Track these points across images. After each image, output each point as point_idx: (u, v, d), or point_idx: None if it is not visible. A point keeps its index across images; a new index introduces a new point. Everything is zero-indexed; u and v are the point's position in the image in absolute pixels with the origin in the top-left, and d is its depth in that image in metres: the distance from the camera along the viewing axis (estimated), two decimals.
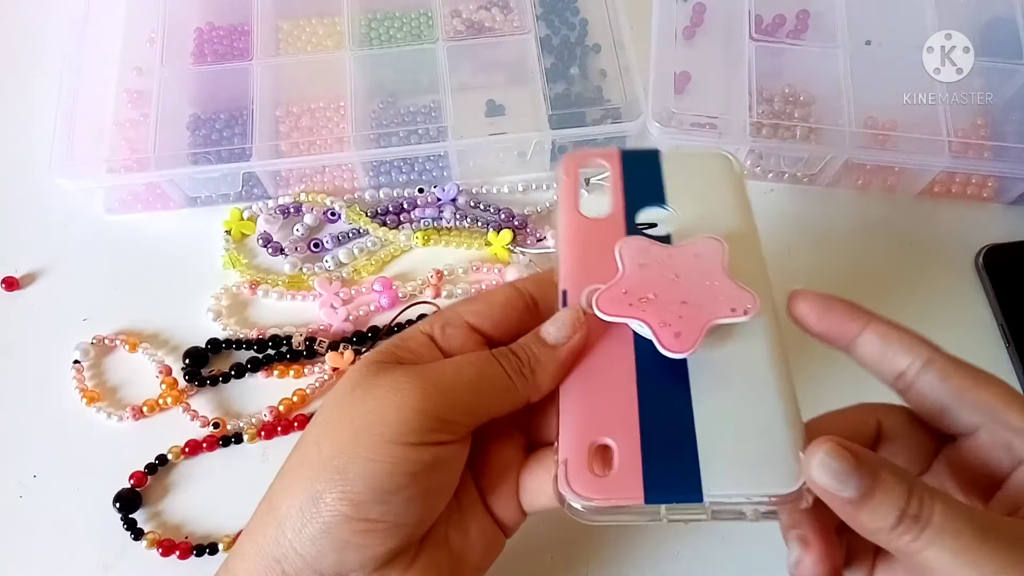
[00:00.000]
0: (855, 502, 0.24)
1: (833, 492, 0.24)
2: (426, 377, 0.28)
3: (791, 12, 0.55)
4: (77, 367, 0.47)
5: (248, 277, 0.49)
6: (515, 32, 0.54)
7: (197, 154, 0.49)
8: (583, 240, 0.32)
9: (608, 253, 0.31)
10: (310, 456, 0.28)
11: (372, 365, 0.29)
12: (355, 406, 0.28)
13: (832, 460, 0.24)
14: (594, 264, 0.31)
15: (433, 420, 0.27)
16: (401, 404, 0.27)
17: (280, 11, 0.56)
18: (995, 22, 0.53)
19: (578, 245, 0.32)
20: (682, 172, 0.34)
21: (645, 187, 0.33)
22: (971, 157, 0.49)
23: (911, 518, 0.23)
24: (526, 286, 0.32)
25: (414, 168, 0.53)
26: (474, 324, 0.31)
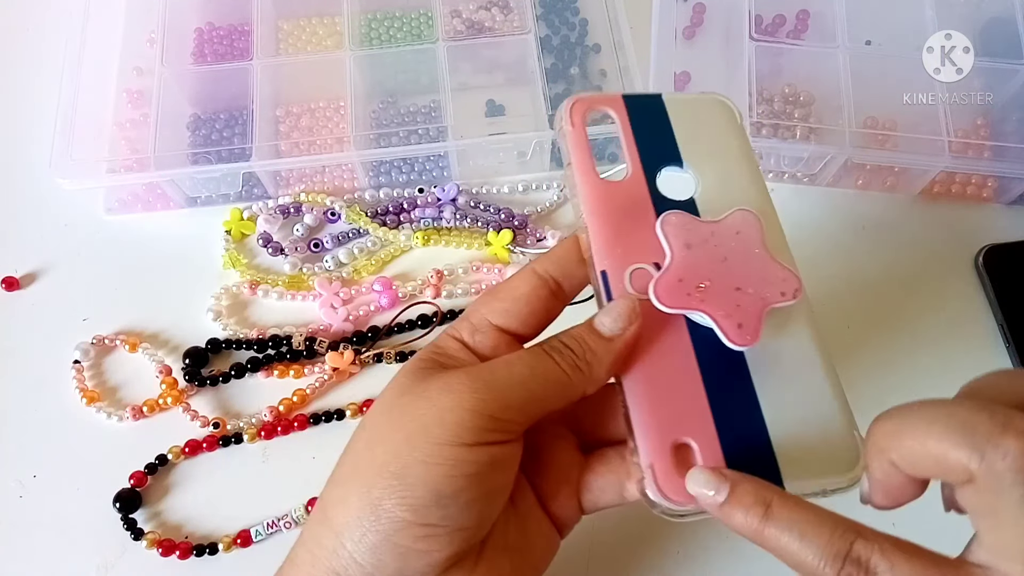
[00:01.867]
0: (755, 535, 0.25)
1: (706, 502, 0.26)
2: (477, 376, 0.28)
3: (791, 12, 0.55)
4: (77, 367, 0.47)
5: (248, 277, 0.49)
6: (515, 32, 0.54)
7: (197, 154, 0.49)
8: (610, 209, 0.30)
9: (637, 223, 0.29)
10: (363, 463, 0.28)
11: (418, 371, 0.29)
12: (406, 411, 0.28)
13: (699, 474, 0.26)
14: (627, 237, 0.29)
15: (488, 420, 0.27)
16: (454, 405, 0.27)
17: (280, 11, 0.56)
18: (995, 22, 0.53)
19: (606, 216, 0.30)
20: (689, 122, 0.32)
21: (657, 142, 0.31)
22: (971, 157, 0.49)
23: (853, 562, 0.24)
24: (548, 269, 0.31)
25: (414, 168, 0.53)
26: (502, 325, 0.30)
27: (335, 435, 0.45)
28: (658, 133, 0.31)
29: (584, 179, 0.30)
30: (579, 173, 0.30)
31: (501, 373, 0.28)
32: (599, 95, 0.31)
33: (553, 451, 0.32)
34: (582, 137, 0.31)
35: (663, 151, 0.31)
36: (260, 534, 0.42)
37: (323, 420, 0.45)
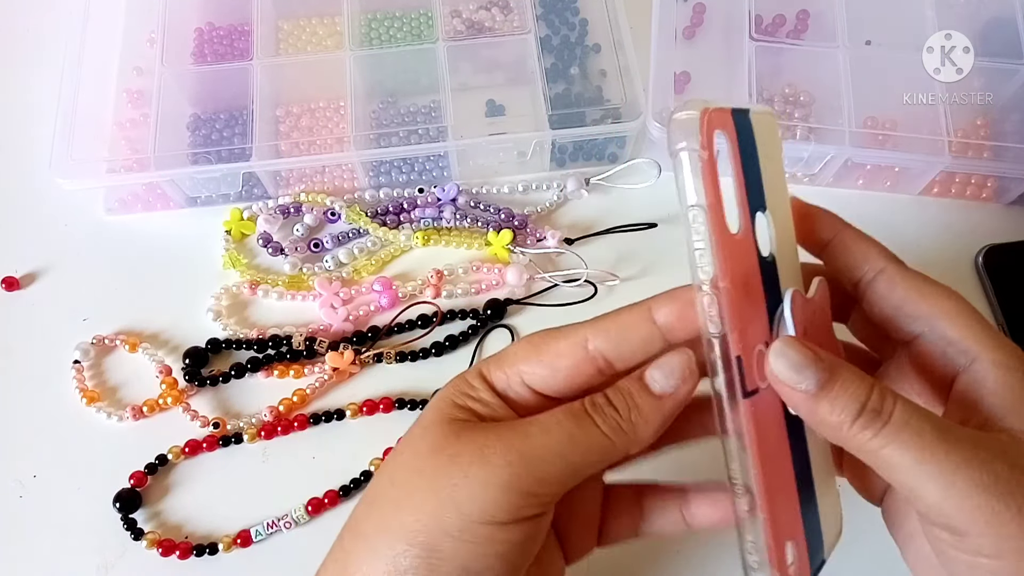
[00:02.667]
0: (814, 394, 0.24)
1: (792, 385, 0.24)
2: (512, 446, 0.26)
3: (791, 12, 0.55)
4: (77, 367, 0.47)
5: (248, 277, 0.49)
6: (515, 32, 0.54)
7: (197, 154, 0.49)
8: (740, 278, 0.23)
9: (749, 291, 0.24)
10: (391, 523, 0.27)
11: (450, 424, 0.28)
12: (439, 475, 0.26)
13: (789, 350, 0.24)
14: (748, 310, 0.24)
15: (523, 496, 0.26)
16: (488, 481, 0.25)
17: (280, 11, 0.56)
18: (995, 22, 0.53)
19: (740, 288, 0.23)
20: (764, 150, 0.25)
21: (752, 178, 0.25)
22: (971, 157, 0.49)
23: (872, 412, 0.23)
24: (599, 348, 0.27)
25: (414, 168, 0.53)
26: (537, 389, 0.28)
27: (335, 435, 0.45)
28: (753, 166, 0.25)
29: (721, 235, 0.23)
30: (715, 223, 0.22)
31: (538, 443, 0.26)
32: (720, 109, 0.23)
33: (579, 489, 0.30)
34: (715, 170, 0.22)
35: (757, 191, 0.25)
36: (260, 534, 0.42)
37: (323, 420, 0.45)
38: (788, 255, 0.27)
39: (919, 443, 0.23)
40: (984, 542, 0.23)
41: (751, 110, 0.25)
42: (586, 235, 0.51)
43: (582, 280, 0.49)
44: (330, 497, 0.43)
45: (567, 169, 0.54)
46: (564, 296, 0.49)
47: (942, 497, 0.23)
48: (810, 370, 0.24)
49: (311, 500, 0.43)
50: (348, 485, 0.43)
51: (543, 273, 0.49)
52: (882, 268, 0.27)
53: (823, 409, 0.24)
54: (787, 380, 0.24)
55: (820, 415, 0.24)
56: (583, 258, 0.49)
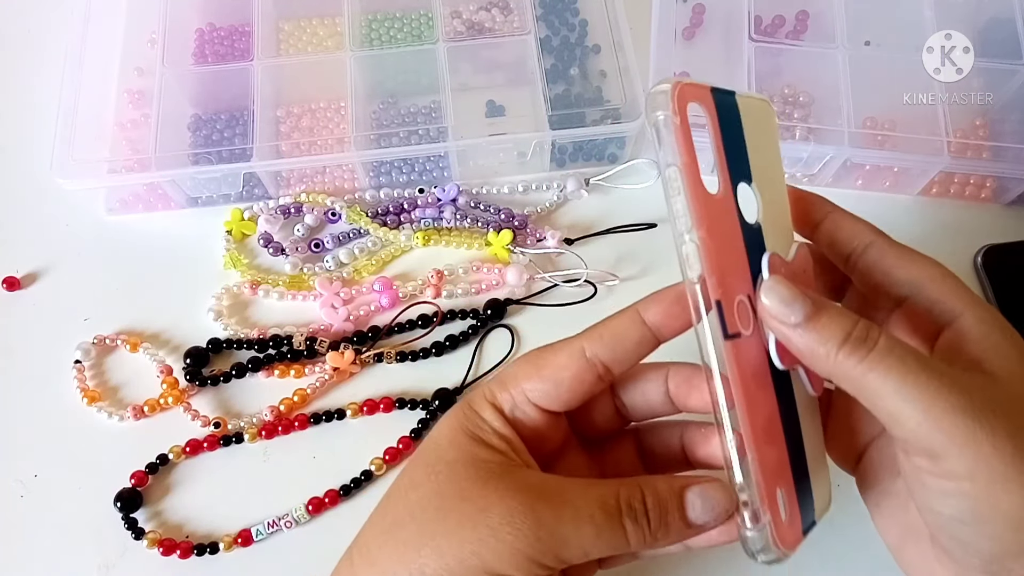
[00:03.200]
0: (802, 324, 0.25)
1: (781, 318, 0.25)
2: (542, 523, 0.27)
3: (790, 13, 0.55)
4: (78, 367, 0.47)
5: (249, 277, 0.49)
6: (515, 33, 0.54)
7: (198, 154, 0.49)
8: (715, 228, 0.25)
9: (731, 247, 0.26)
10: (410, 560, 0.28)
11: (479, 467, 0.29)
12: (464, 524, 0.27)
13: (779, 286, 0.26)
14: (728, 262, 0.26)
15: (541, 567, 0.27)
16: (515, 548, 0.27)
17: (281, 12, 0.56)
18: (995, 22, 0.53)
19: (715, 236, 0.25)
20: (753, 129, 0.28)
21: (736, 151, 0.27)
22: (970, 157, 0.49)
23: (857, 340, 0.25)
24: (597, 353, 0.29)
25: (414, 168, 0.53)
26: (542, 406, 0.30)
27: (336, 435, 0.46)
28: (736, 141, 0.27)
29: (695, 189, 0.25)
30: (689, 179, 0.25)
31: (567, 530, 0.27)
32: (696, 84, 0.26)
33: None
34: (690, 133, 0.25)
35: (740, 162, 0.27)
36: (261, 533, 0.42)
37: (324, 420, 0.45)
38: (779, 229, 0.28)
39: (901, 368, 0.24)
40: (958, 464, 0.24)
41: (738, 93, 0.27)
42: (586, 235, 0.51)
43: (582, 280, 0.49)
44: (331, 496, 0.43)
45: (567, 169, 0.54)
46: (564, 296, 0.49)
47: (921, 419, 0.24)
48: (798, 303, 0.25)
49: (312, 499, 0.43)
50: (349, 485, 0.44)
51: (543, 273, 0.50)
52: (871, 241, 0.29)
53: (812, 338, 0.25)
54: (777, 314, 0.25)
55: (809, 344, 0.25)
56: (583, 258, 0.49)
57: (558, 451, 0.32)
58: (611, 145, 0.53)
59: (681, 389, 0.31)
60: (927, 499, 0.26)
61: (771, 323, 0.26)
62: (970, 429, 0.23)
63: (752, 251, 0.27)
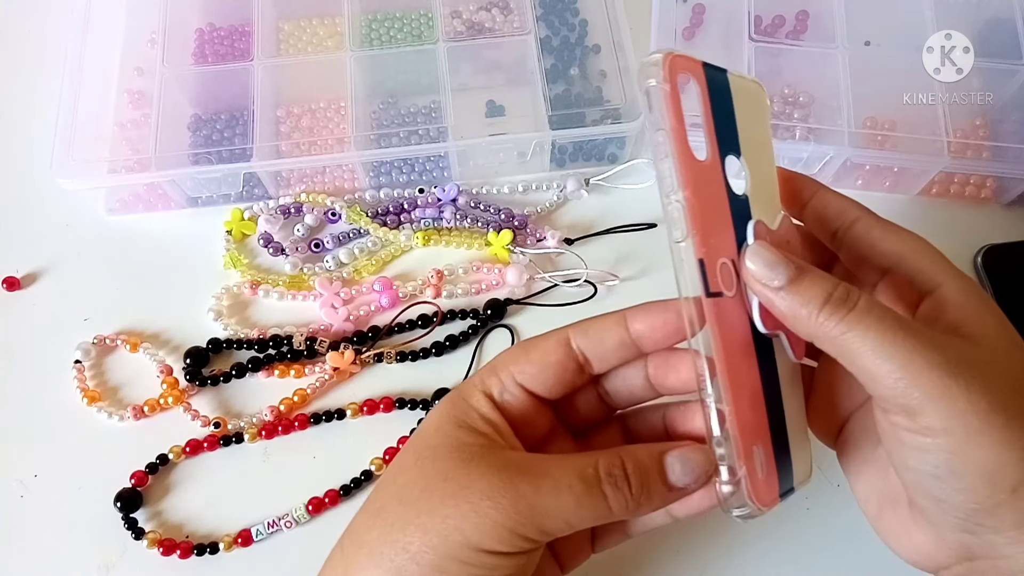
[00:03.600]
0: (785, 287, 0.26)
1: (764, 281, 0.26)
2: (522, 496, 0.27)
3: (790, 13, 0.55)
4: (78, 367, 0.47)
5: (249, 277, 0.49)
6: (515, 33, 0.54)
7: (198, 154, 0.49)
8: (702, 191, 0.26)
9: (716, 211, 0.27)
10: (397, 538, 0.28)
11: (463, 449, 0.29)
12: (447, 502, 0.28)
13: (763, 250, 0.27)
14: (712, 225, 0.27)
15: (525, 540, 0.27)
16: (495, 521, 0.27)
17: (281, 12, 0.56)
18: (995, 22, 0.53)
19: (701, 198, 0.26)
20: (743, 107, 0.29)
21: (725, 124, 0.28)
22: (970, 157, 0.49)
23: (838, 300, 0.26)
24: (581, 346, 0.31)
25: (414, 168, 0.53)
26: (527, 387, 0.31)
27: (336, 435, 0.46)
28: (725, 114, 0.28)
29: (682, 152, 0.26)
30: (676, 143, 0.26)
31: (547, 501, 0.27)
32: (688, 56, 0.27)
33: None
34: (679, 100, 0.26)
35: (729, 136, 0.28)
36: (261, 533, 0.42)
37: (324, 420, 0.46)
38: (767, 203, 0.29)
39: (880, 327, 0.25)
40: (934, 419, 0.25)
41: (730, 72, 0.29)
42: (586, 235, 0.51)
43: (582, 280, 0.49)
44: (331, 496, 0.43)
45: (567, 169, 0.54)
46: (564, 296, 0.49)
47: (899, 376, 0.25)
48: (781, 267, 0.26)
49: (312, 499, 0.43)
50: (349, 484, 0.44)
51: (543, 273, 0.50)
52: (858, 216, 0.31)
53: (794, 300, 0.26)
54: (761, 276, 0.26)
55: (791, 306, 0.26)
56: (583, 258, 0.49)
57: (545, 439, 0.33)
58: (611, 145, 0.53)
59: (660, 371, 0.32)
60: (904, 456, 0.27)
61: (754, 286, 0.27)
62: (945, 385, 0.24)
63: (738, 220, 0.28)
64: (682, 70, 0.26)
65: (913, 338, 0.25)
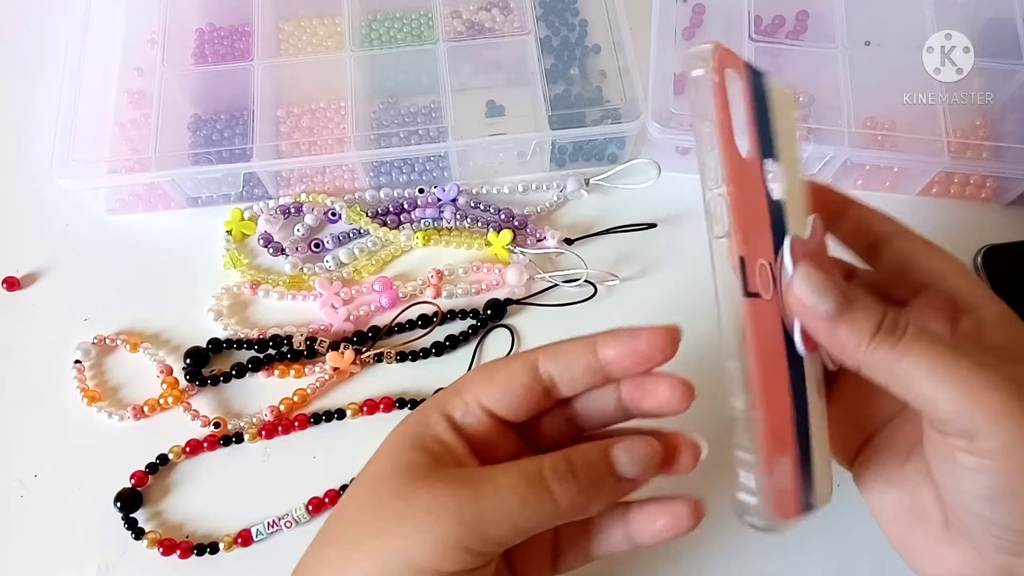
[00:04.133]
0: (834, 317, 0.26)
1: (813, 307, 0.26)
2: (463, 503, 0.27)
3: (790, 13, 0.55)
4: (78, 367, 0.47)
5: (249, 277, 0.49)
6: (515, 33, 0.54)
7: (198, 154, 0.49)
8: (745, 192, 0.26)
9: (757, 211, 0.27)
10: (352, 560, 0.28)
11: (412, 470, 0.28)
12: (391, 522, 0.27)
13: (813, 274, 0.26)
14: (753, 224, 0.26)
15: (471, 554, 0.27)
16: (439, 536, 0.26)
17: (281, 12, 0.56)
18: (995, 22, 0.53)
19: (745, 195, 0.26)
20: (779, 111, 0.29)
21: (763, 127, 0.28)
22: (970, 157, 0.49)
23: (887, 329, 0.25)
24: (549, 370, 0.30)
25: (414, 168, 0.53)
26: (491, 409, 0.30)
27: (336, 435, 0.46)
28: (764, 117, 0.28)
29: (728, 146, 0.25)
30: (723, 136, 0.25)
31: (490, 505, 0.27)
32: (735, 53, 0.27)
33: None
34: (726, 93, 0.26)
35: (767, 139, 0.28)
36: (261, 533, 0.42)
37: (324, 420, 0.46)
38: (798, 211, 0.29)
39: (934, 351, 0.25)
40: (995, 441, 0.24)
41: (767, 74, 0.28)
42: (586, 235, 0.51)
43: (582, 280, 0.49)
44: (331, 496, 0.43)
45: (567, 169, 0.54)
46: (564, 296, 0.49)
47: (959, 398, 0.24)
48: (831, 294, 0.26)
49: (312, 499, 0.43)
50: (348, 484, 0.44)
51: (543, 273, 0.50)
52: (897, 230, 0.31)
53: (843, 330, 0.26)
54: (810, 302, 0.26)
55: (840, 336, 0.26)
56: (583, 258, 0.49)
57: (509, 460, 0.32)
58: (611, 145, 0.53)
59: (635, 394, 0.30)
60: (958, 478, 0.26)
61: (800, 312, 0.26)
62: (1007, 407, 0.24)
63: (775, 222, 0.27)
64: (729, 64, 0.26)
65: (967, 360, 0.24)
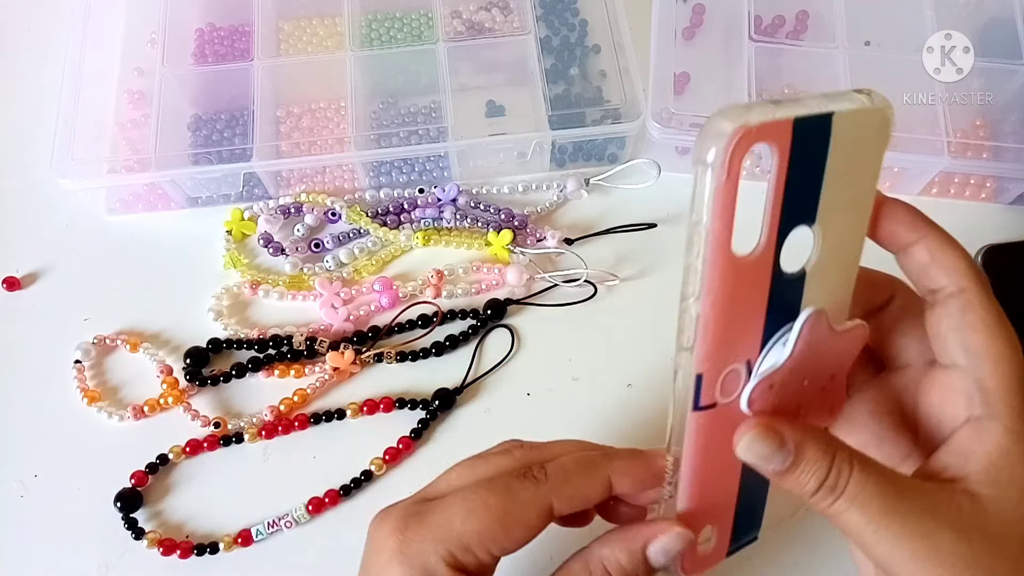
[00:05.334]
0: (780, 473, 0.26)
1: (760, 467, 0.26)
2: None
3: (790, 13, 0.55)
4: (78, 367, 0.47)
5: (249, 277, 0.49)
6: (515, 33, 0.54)
7: (198, 154, 0.49)
8: (732, 297, 0.23)
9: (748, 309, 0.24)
10: None
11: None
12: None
13: (756, 444, 0.26)
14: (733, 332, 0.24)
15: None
16: None
17: (281, 12, 0.56)
18: (995, 22, 0.53)
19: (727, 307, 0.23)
20: (844, 154, 0.24)
21: (805, 188, 0.23)
22: (970, 157, 0.49)
23: (827, 488, 0.26)
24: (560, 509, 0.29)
25: (414, 168, 0.53)
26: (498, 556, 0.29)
27: (336, 434, 0.46)
28: (810, 175, 0.23)
29: (715, 258, 0.22)
30: (713, 247, 0.22)
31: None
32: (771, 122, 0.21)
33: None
34: (732, 194, 0.21)
35: (804, 203, 0.24)
36: (261, 533, 0.42)
37: (324, 420, 0.45)
38: (834, 270, 0.26)
39: (865, 515, 0.25)
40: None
41: (840, 111, 0.23)
42: (586, 235, 0.51)
43: (582, 280, 0.49)
44: (331, 496, 0.43)
45: (567, 169, 0.54)
46: (564, 296, 0.49)
47: (887, 561, 0.25)
48: (776, 456, 0.26)
49: (312, 499, 0.43)
50: (349, 484, 0.44)
51: (543, 273, 0.50)
52: (963, 288, 0.27)
53: (787, 484, 0.26)
54: (758, 465, 0.26)
55: (785, 486, 0.26)
56: (583, 258, 0.49)
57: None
58: (611, 145, 0.53)
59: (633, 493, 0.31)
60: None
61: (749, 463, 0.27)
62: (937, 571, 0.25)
63: (777, 306, 0.25)
64: (759, 141, 0.21)
65: (898, 526, 0.25)
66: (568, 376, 0.47)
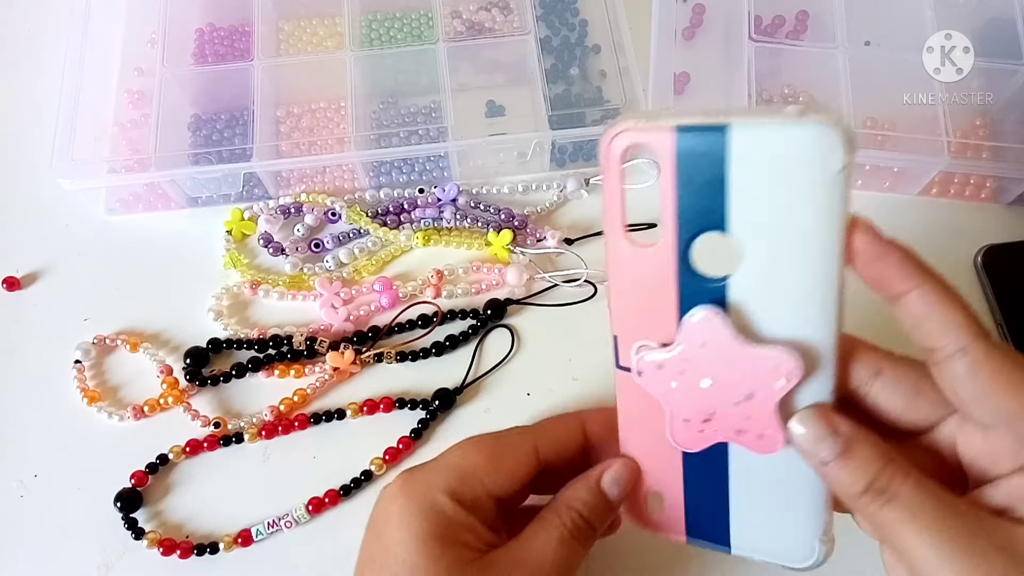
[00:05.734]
0: (827, 463, 0.26)
1: (811, 453, 0.26)
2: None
3: (790, 13, 0.55)
4: (78, 367, 0.47)
5: (249, 277, 0.49)
6: (515, 33, 0.54)
7: (198, 154, 0.49)
8: (631, 277, 0.27)
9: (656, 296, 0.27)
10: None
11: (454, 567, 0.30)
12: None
13: (811, 422, 0.26)
14: (644, 309, 0.27)
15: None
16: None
17: (281, 12, 0.56)
18: (995, 22, 0.53)
19: (626, 282, 0.27)
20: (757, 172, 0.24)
21: (705, 194, 0.24)
22: (970, 157, 0.49)
23: (876, 491, 0.25)
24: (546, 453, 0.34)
25: (414, 168, 0.53)
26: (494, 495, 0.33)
27: (336, 434, 0.46)
28: (710, 182, 0.24)
29: (609, 237, 0.27)
30: (606, 230, 0.27)
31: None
32: (645, 126, 0.24)
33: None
34: (616, 182, 0.26)
35: (708, 207, 0.24)
36: (261, 533, 0.42)
37: (324, 420, 0.45)
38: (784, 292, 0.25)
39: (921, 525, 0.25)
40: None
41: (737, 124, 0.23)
42: (586, 235, 0.51)
43: (582, 280, 0.49)
44: (331, 496, 0.43)
45: (567, 169, 0.54)
46: (564, 296, 0.49)
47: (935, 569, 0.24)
48: (825, 443, 0.26)
49: (312, 499, 0.43)
50: (349, 484, 0.44)
51: (543, 273, 0.50)
52: (964, 346, 0.25)
53: (834, 478, 0.26)
54: (808, 449, 0.26)
55: (831, 482, 0.26)
56: (583, 258, 0.49)
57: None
58: None
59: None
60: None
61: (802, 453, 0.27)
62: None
63: (692, 302, 0.26)
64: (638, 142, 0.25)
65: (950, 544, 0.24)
66: (568, 376, 0.47)
